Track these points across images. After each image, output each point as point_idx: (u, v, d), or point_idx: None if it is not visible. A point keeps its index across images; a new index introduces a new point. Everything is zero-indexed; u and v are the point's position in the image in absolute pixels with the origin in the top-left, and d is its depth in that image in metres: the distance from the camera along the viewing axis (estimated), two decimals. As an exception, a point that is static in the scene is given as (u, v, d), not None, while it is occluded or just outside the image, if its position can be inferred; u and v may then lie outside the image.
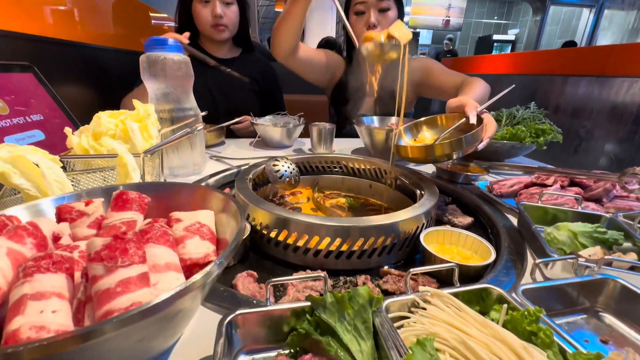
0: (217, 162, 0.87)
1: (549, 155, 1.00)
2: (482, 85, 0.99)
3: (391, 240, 0.46)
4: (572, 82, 2.68)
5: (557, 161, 0.88)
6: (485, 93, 0.96)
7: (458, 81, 1.04)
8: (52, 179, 0.36)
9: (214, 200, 0.37)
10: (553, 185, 0.63)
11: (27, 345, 0.16)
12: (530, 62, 3.20)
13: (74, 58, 0.98)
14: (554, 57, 3.00)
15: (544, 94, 2.94)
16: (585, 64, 2.64)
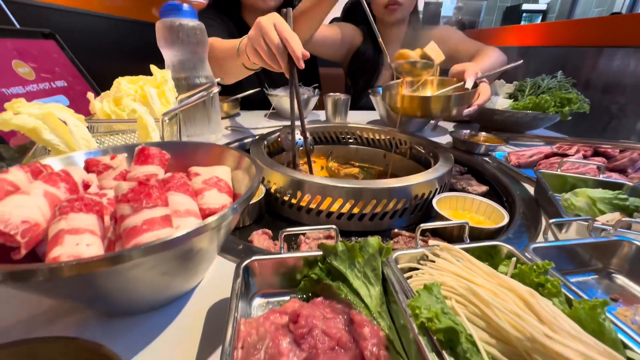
0: (233, 132, 0.88)
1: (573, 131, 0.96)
2: (494, 54, 0.95)
3: (403, 204, 0.46)
4: (606, 54, 2.50)
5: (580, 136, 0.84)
6: (497, 62, 0.93)
7: (473, 50, 1.00)
8: (79, 136, 0.38)
9: (229, 157, 0.38)
10: (575, 155, 0.61)
11: (67, 262, 0.18)
12: (559, 33, 2.99)
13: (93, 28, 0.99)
14: (586, 26, 2.79)
15: (573, 67, 2.75)
16: (623, 33, 2.44)
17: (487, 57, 0.92)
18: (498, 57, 0.96)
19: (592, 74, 2.68)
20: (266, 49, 0.54)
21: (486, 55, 0.94)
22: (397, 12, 1.03)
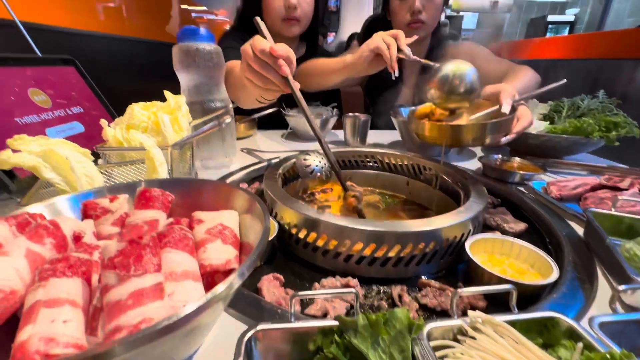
0: (248, 154, 0.86)
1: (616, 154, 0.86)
2: (529, 75, 0.88)
3: (432, 248, 0.41)
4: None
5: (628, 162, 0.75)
6: (532, 83, 0.86)
7: (504, 69, 0.94)
8: (82, 173, 0.36)
9: (238, 199, 0.34)
10: (629, 190, 0.53)
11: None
12: (590, 45, 2.85)
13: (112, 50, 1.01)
14: (622, 38, 2.64)
15: (608, 82, 2.61)
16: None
17: (522, 77, 0.86)
18: (532, 77, 0.90)
19: (629, 87, 2.52)
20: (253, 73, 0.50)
21: (520, 75, 0.88)
22: (419, 31, 0.99)
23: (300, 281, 0.42)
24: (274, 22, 1.01)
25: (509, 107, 0.61)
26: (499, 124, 0.57)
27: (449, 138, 0.59)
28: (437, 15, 1.00)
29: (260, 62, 0.49)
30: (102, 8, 0.96)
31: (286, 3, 0.96)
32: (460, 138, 0.57)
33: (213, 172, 0.71)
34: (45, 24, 0.74)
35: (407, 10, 0.97)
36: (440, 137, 0.58)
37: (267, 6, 0.99)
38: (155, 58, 1.26)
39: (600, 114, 0.71)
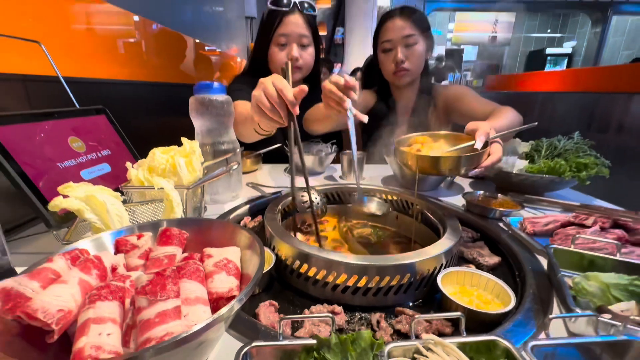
0: (253, 189, 0.94)
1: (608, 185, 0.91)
2: (510, 115, 0.96)
3: (407, 280, 0.47)
4: (637, 100, 2.43)
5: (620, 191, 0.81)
6: (512, 122, 0.94)
7: (489, 110, 1.03)
8: (114, 214, 0.44)
9: (241, 236, 0.41)
10: (592, 227, 0.59)
11: (87, 365, 0.21)
12: (586, 80, 2.97)
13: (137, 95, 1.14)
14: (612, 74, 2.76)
15: (604, 113, 2.70)
16: (652, 80, 2.39)
17: (503, 117, 0.94)
18: (514, 118, 0.98)
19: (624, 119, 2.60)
20: (267, 103, 0.60)
21: (502, 115, 0.96)
22: (405, 77, 1.10)
23: (293, 307, 0.48)
24: (278, 71, 1.13)
25: (481, 144, 0.68)
26: (471, 158, 0.64)
27: (428, 166, 0.65)
28: (420, 63, 1.11)
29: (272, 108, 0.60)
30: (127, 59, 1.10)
31: (289, 55, 1.08)
32: (439, 167, 0.64)
33: (220, 206, 0.79)
34: (82, 77, 0.86)
35: (391, 61, 1.08)
36: (421, 166, 0.65)
37: (273, 57, 1.12)
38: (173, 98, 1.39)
39: (574, 155, 0.78)
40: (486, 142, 0.69)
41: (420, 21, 1.06)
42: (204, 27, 1.86)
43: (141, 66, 1.18)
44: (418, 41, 1.06)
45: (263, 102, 0.59)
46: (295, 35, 1.08)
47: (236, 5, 2.56)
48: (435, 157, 0.66)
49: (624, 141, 2.49)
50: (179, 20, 1.50)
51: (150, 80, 1.23)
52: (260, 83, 0.61)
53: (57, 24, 0.81)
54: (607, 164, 0.78)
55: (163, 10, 1.34)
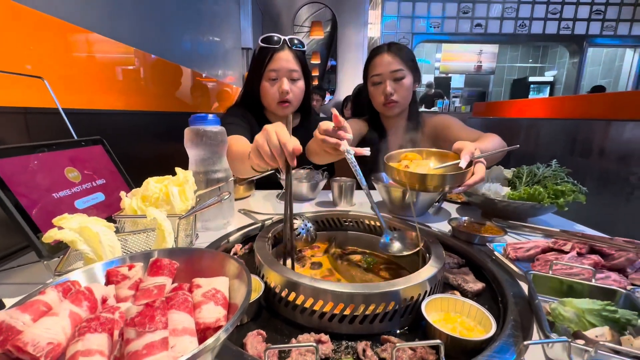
0: (245, 215, 0.95)
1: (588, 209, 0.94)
2: (494, 140, 1.01)
3: (392, 307, 0.48)
4: (615, 127, 2.56)
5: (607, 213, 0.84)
6: (496, 146, 0.98)
7: (474, 137, 1.08)
8: (107, 244, 0.45)
9: (230, 266, 0.43)
10: (570, 252, 0.62)
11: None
12: (567, 107, 3.12)
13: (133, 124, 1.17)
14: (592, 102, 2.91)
15: (585, 139, 2.81)
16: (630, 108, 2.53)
17: (488, 141, 0.98)
18: (498, 142, 1.03)
19: (605, 144, 2.71)
20: (268, 152, 0.64)
21: (487, 139, 1.00)
22: (394, 108, 1.16)
23: (281, 337, 0.49)
24: (270, 104, 1.19)
25: (466, 163, 0.71)
26: (455, 176, 0.67)
27: (415, 183, 0.68)
28: (407, 95, 1.18)
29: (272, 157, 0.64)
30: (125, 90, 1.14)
31: (280, 89, 1.14)
32: (424, 184, 0.67)
33: (212, 233, 0.80)
34: (81, 108, 0.89)
35: (381, 93, 1.15)
36: (408, 182, 0.68)
37: (264, 91, 1.18)
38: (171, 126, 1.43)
39: (551, 182, 0.82)
40: (470, 161, 0.72)
41: (407, 56, 1.14)
42: (202, 57, 1.94)
43: (139, 96, 1.22)
44: (405, 75, 1.13)
45: (264, 150, 0.64)
46: (285, 70, 1.14)
47: (233, 36, 2.68)
48: (422, 174, 0.68)
49: (604, 166, 2.59)
50: (177, 51, 1.57)
51: (148, 110, 1.27)
52: (264, 130, 0.65)
53: (57, 56, 0.85)
54: (584, 191, 0.81)
55: (161, 43, 1.40)
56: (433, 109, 5.84)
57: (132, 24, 1.19)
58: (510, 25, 5.10)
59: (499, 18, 5.07)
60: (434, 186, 0.68)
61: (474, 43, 6.32)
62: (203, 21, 1.94)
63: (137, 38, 1.20)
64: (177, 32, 1.58)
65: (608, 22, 5.06)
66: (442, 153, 0.77)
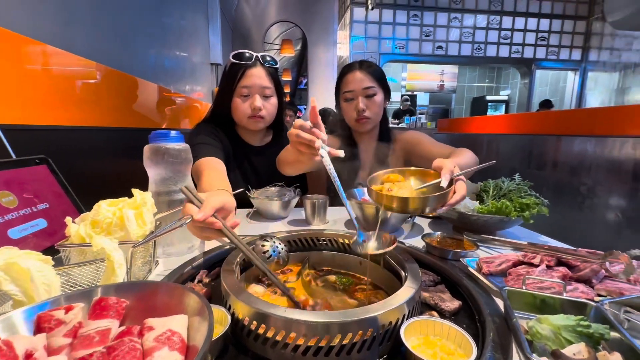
0: (212, 237, 0.89)
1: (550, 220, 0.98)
2: (468, 155, 1.04)
3: (370, 335, 0.45)
4: (565, 141, 2.78)
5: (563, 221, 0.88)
6: (470, 162, 1.01)
7: (446, 152, 1.10)
8: (40, 282, 0.38)
9: (189, 301, 0.38)
10: (540, 266, 0.63)
11: None
12: (522, 124, 3.36)
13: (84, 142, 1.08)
14: (543, 119, 3.16)
15: (540, 153, 3.03)
16: (575, 124, 2.77)
17: (463, 156, 1.00)
18: (472, 157, 1.05)
19: (557, 157, 2.93)
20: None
21: (462, 154, 1.02)
22: (366, 124, 1.17)
23: (250, 377, 0.44)
24: (242, 119, 1.15)
25: (447, 182, 0.71)
26: (437, 198, 0.67)
27: (397, 206, 0.67)
28: (379, 111, 1.20)
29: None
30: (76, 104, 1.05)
31: (252, 105, 1.11)
32: (406, 207, 0.66)
33: (174, 260, 0.73)
34: (21, 124, 0.80)
35: (353, 109, 1.16)
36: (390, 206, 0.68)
37: (236, 107, 1.14)
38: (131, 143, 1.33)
39: (516, 196, 0.85)
40: (451, 180, 0.73)
41: (377, 74, 1.16)
42: (168, 71, 1.87)
43: (94, 111, 1.13)
44: (377, 92, 1.15)
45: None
46: (257, 86, 1.12)
47: (201, 52, 2.63)
48: (405, 198, 0.67)
49: (558, 178, 2.80)
50: (140, 65, 1.50)
51: (105, 126, 1.18)
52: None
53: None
54: (546, 203, 0.85)
55: (122, 56, 1.33)
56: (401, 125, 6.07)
57: (87, 35, 1.12)
58: (468, 48, 5.48)
59: (458, 41, 5.44)
60: (418, 209, 0.67)
61: (436, 64, 6.72)
62: (169, 35, 1.89)
63: (93, 50, 1.13)
64: (140, 45, 1.51)
65: (551, 48, 5.60)
66: (423, 172, 0.77)
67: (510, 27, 5.43)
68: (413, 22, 5.20)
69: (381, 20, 5.09)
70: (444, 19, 5.26)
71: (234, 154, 1.21)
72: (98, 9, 1.16)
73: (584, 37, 5.48)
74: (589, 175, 2.58)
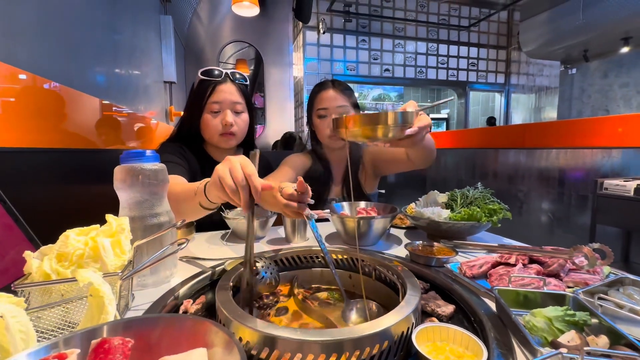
0: (187, 263, 0.83)
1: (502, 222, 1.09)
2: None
3: (386, 347, 0.45)
4: (502, 154, 3.13)
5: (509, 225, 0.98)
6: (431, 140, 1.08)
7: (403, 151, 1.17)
8: (17, 330, 0.32)
9: (205, 332, 0.35)
10: (516, 265, 0.68)
11: None
12: (465, 139, 3.72)
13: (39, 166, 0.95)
14: (480, 135, 3.54)
15: (482, 164, 3.37)
16: (507, 139, 3.14)
17: None
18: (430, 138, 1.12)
19: (497, 168, 3.26)
20: (232, 184, 0.59)
21: None
22: (339, 141, 1.20)
23: (265, 410, 0.40)
24: (212, 137, 1.11)
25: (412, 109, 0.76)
26: (405, 114, 0.70)
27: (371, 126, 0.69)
28: None
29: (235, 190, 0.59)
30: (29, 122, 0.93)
31: (223, 121, 1.08)
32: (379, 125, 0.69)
33: (152, 291, 0.66)
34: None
35: (327, 126, 1.19)
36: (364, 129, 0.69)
37: (206, 124, 1.10)
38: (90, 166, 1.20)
39: (482, 203, 0.93)
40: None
41: (349, 94, 1.21)
42: (120, 89, 1.74)
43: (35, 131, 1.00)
44: (349, 111, 1.20)
45: (227, 181, 0.58)
46: (228, 102, 1.09)
47: (154, 69, 2.50)
48: (377, 113, 0.69)
49: (499, 186, 3.12)
50: (93, 83, 1.38)
51: (51, 147, 1.05)
52: (227, 160, 0.61)
53: None
54: (507, 208, 0.94)
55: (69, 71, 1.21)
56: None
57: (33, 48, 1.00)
58: (412, 71, 5.98)
59: (403, 65, 5.90)
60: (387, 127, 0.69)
61: (384, 84, 7.20)
62: (121, 52, 1.77)
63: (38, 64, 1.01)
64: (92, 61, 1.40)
65: (481, 72, 6.34)
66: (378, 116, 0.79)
67: (446, 54, 6.06)
68: (362, 46, 5.54)
69: (332, 44, 5.35)
70: (389, 45, 5.70)
71: (203, 173, 1.15)
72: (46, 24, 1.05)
73: (505, 64, 6.32)
74: (523, 182, 2.92)
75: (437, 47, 6.05)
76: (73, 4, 1.22)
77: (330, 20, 5.23)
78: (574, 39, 4.30)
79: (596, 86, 4.76)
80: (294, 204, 0.67)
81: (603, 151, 2.26)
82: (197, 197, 0.73)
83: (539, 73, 5.77)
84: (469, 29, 5.87)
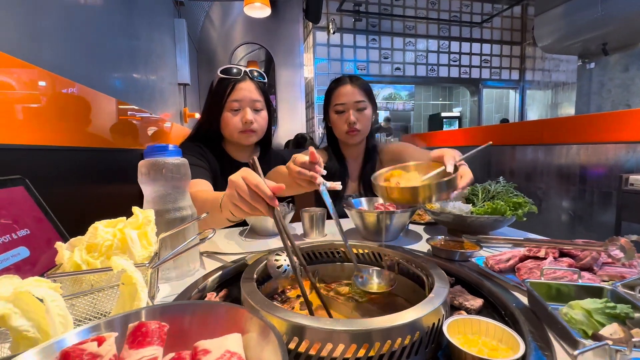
0: (208, 258, 0.83)
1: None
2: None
3: (418, 338, 0.44)
4: (519, 150, 3.05)
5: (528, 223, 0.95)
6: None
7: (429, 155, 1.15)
8: (56, 314, 0.32)
9: (239, 318, 0.34)
10: (547, 258, 0.66)
11: None
12: (480, 136, 3.65)
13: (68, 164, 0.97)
14: (497, 131, 3.47)
15: (497, 161, 3.30)
16: (524, 135, 3.06)
17: None
18: None
19: (513, 165, 3.18)
20: (243, 202, 0.60)
21: None
22: (357, 137, 1.19)
23: (297, 400, 0.40)
24: (233, 134, 1.12)
25: (452, 167, 0.72)
26: (448, 182, 0.67)
27: (408, 197, 0.68)
28: (368, 124, 1.23)
29: (250, 205, 0.59)
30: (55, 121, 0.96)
31: (243, 119, 1.09)
32: (421, 196, 0.67)
33: (175, 284, 0.67)
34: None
35: (344, 122, 1.18)
36: (402, 198, 0.68)
37: (226, 122, 1.11)
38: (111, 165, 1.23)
39: (507, 197, 0.90)
40: (455, 166, 0.73)
41: (366, 89, 1.20)
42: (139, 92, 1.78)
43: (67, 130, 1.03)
44: (367, 106, 1.19)
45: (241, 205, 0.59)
46: (248, 100, 1.10)
47: (169, 71, 2.55)
48: (416, 187, 0.68)
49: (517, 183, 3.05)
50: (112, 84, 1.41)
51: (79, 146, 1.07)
52: (231, 183, 0.61)
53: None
54: (532, 202, 0.91)
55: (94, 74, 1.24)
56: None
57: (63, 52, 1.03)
58: (423, 70, 5.91)
59: (413, 63, 5.84)
60: (430, 196, 0.68)
61: (395, 83, 7.14)
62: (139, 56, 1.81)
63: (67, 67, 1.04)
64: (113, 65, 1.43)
65: (494, 69, 6.22)
66: (424, 165, 0.78)
67: (457, 51, 5.97)
68: (372, 45, 5.51)
69: (342, 44, 5.34)
70: (399, 43, 5.65)
71: (222, 172, 1.16)
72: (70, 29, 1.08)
73: (520, 60, 6.18)
74: (542, 179, 2.84)
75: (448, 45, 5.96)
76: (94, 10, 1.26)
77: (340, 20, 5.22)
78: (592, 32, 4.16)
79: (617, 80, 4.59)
80: (306, 171, 0.68)
81: (628, 146, 2.17)
82: (222, 213, 0.73)
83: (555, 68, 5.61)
84: (481, 25, 5.76)
